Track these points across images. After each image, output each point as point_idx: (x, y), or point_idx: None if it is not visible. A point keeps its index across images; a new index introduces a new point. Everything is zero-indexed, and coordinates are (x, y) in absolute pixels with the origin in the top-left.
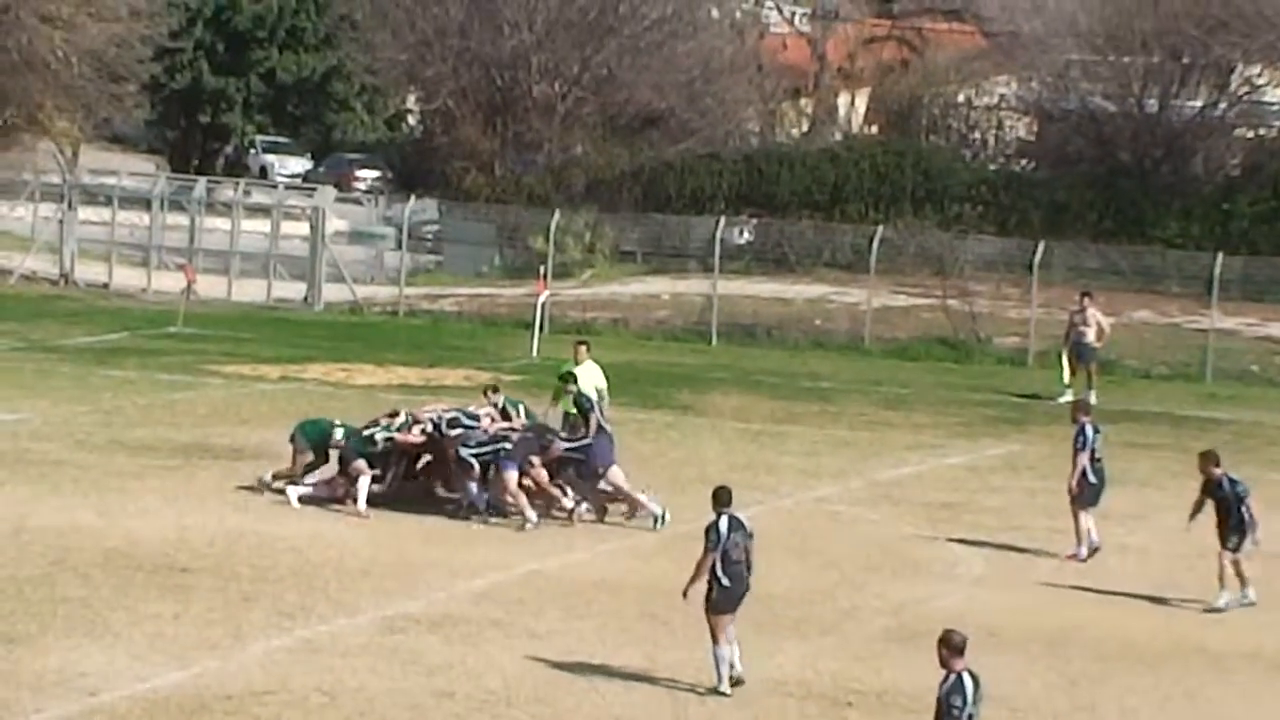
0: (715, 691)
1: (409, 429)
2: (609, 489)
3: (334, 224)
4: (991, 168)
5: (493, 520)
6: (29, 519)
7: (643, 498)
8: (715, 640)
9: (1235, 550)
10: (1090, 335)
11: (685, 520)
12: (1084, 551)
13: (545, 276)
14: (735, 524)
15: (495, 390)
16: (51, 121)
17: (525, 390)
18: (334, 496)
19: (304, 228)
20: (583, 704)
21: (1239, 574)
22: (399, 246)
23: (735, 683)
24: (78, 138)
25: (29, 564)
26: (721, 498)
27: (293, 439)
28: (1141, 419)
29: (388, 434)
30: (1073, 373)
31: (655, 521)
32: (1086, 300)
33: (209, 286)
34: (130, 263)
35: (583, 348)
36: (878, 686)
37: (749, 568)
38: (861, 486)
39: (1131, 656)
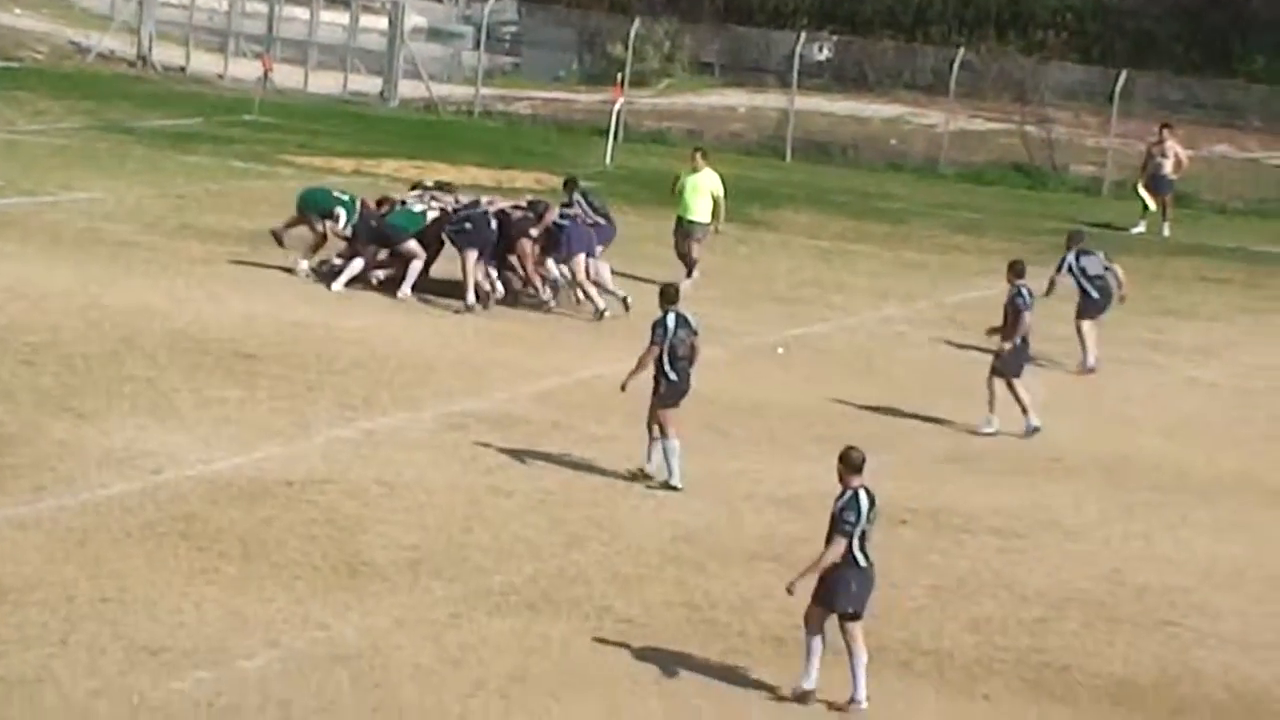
0: (667, 485)
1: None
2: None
3: (413, 20)
4: None
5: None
6: (99, 298)
7: (593, 291)
8: (665, 434)
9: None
10: (1168, 167)
11: (752, 334)
12: (1090, 361)
13: (622, 84)
14: (681, 320)
15: (574, 184)
16: None
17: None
18: (365, 278)
19: (382, 22)
20: (640, 508)
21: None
22: (477, 46)
23: (640, 475)
24: None
25: (98, 342)
26: (669, 294)
27: (300, 211)
28: (1215, 254)
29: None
30: (1152, 203)
31: (596, 314)
32: (1166, 132)
33: (285, 76)
34: (208, 48)
35: (699, 154)
36: (933, 506)
37: (692, 364)
38: (929, 309)
39: (1189, 487)
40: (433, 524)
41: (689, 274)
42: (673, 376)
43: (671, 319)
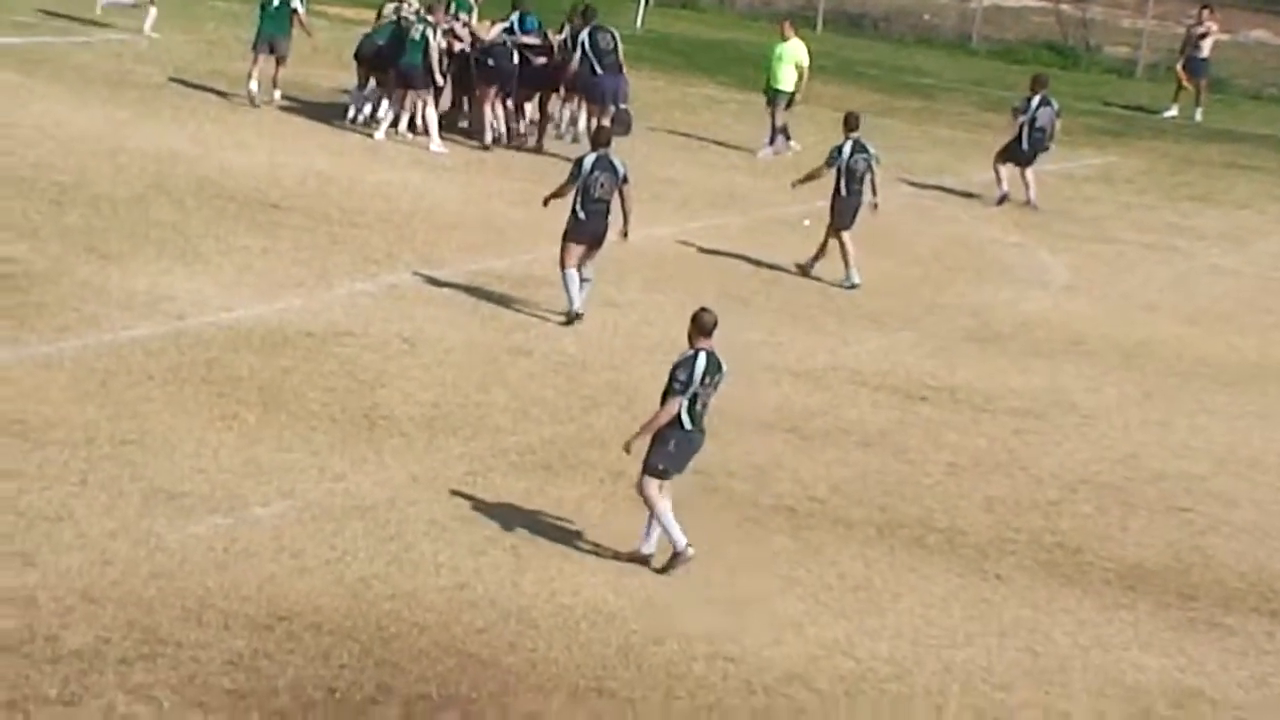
0: (569, 317)
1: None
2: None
3: None
4: None
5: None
6: (127, 140)
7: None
8: (563, 264)
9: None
10: (1206, 49)
11: (776, 205)
12: (1009, 191)
13: None
14: (602, 163)
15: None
16: None
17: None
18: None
19: None
20: (658, 374)
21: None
22: None
23: (575, 318)
24: None
25: (125, 185)
26: (599, 139)
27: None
28: (1246, 140)
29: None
30: (1188, 83)
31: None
32: (1205, 13)
33: None
34: None
35: (788, 24)
36: (951, 383)
37: (609, 210)
38: (955, 185)
39: (1208, 374)
40: (451, 381)
41: (771, 140)
42: (581, 215)
43: (589, 159)
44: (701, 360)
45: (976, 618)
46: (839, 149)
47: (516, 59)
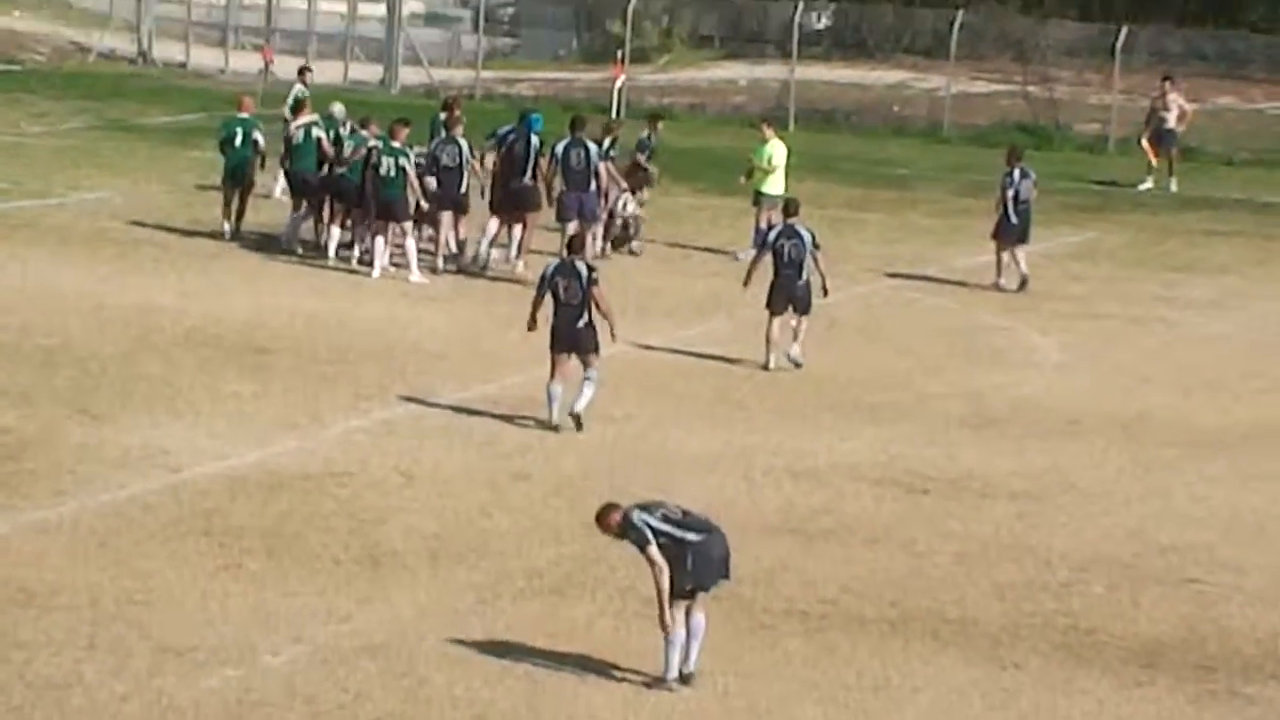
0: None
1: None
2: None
3: (410, 6)
4: None
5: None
6: (110, 297)
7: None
8: (551, 375)
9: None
10: (1171, 120)
11: (760, 306)
12: (1002, 282)
13: (622, 61)
14: (564, 269)
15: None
16: None
17: None
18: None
19: (380, 9)
20: (659, 487)
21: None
22: (475, 29)
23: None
24: None
25: (111, 342)
26: (570, 246)
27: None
28: (1222, 205)
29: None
30: (1154, 158)
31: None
32: (1168, 85)
33: (286, 67)
34: (207, 42)
35: (766, 126)
36: (951, 471)
37: (580, 314)
38: (938, 273)
39: (1206, 442)
40: (452, 511)
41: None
42: (553, 322)
43: (551, 268)
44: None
45: (997, 707)
46: (767, 235)
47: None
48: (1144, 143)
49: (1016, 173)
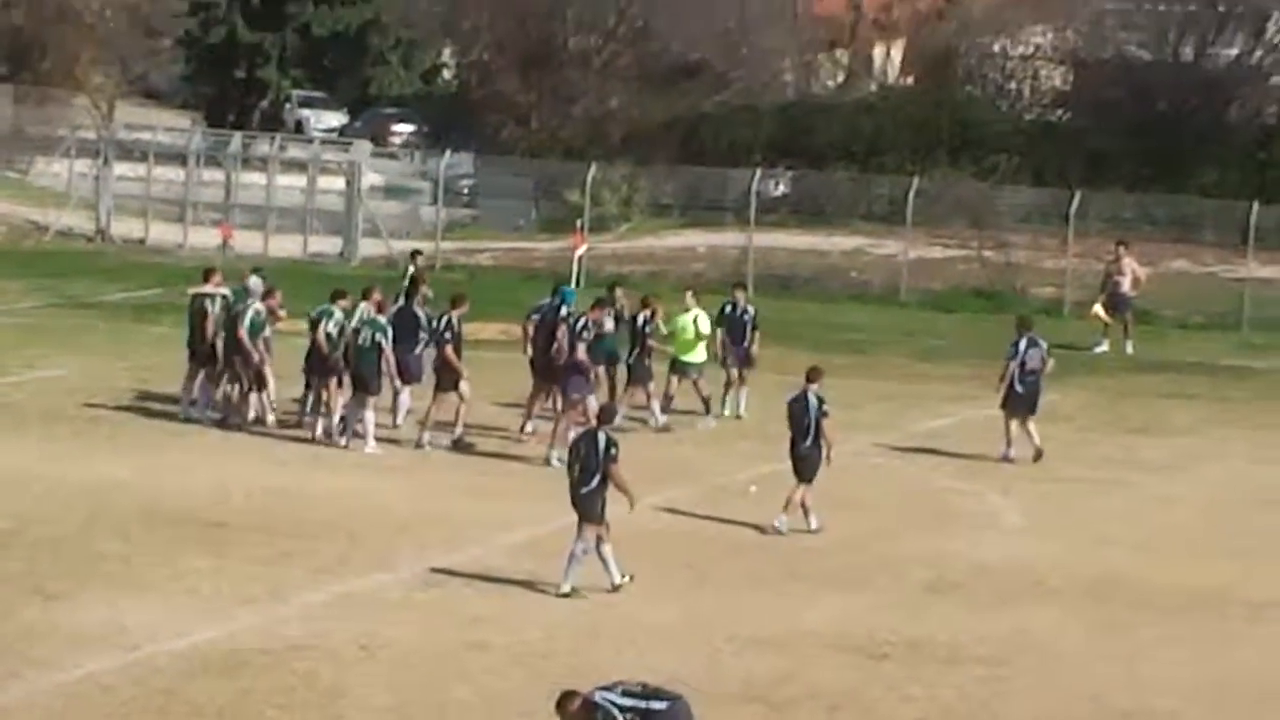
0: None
1: None
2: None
3: (370, 179)
4: (1027, 117)
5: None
6: (67, 475)
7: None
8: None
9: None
10: (1126, 285)
11: (725, 473)
12: (1012, 453)
13: (582, 230)
14: (587, 439)
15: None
16: (87, 76)
17: None
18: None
19: (340, 183)
20: (620, 656)
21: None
22: (435, 201)
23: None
24: (113, 93)
25: (67, 521)
26: (601, 417)
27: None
28: (1178, 369)
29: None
30: (1108, 322)
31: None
32: (1122, 250)
33: (245, 242)
34: (166, 218)
35: (689, 294)
36: (914, 636)
37: (586, 481)
38: (898, 438)
39: (1168, 605)
40: (413, 683)
41: (706, 409)
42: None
43: (579, 435)
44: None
45: None
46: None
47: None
48: (1095, 310)
49: (1023, 343)
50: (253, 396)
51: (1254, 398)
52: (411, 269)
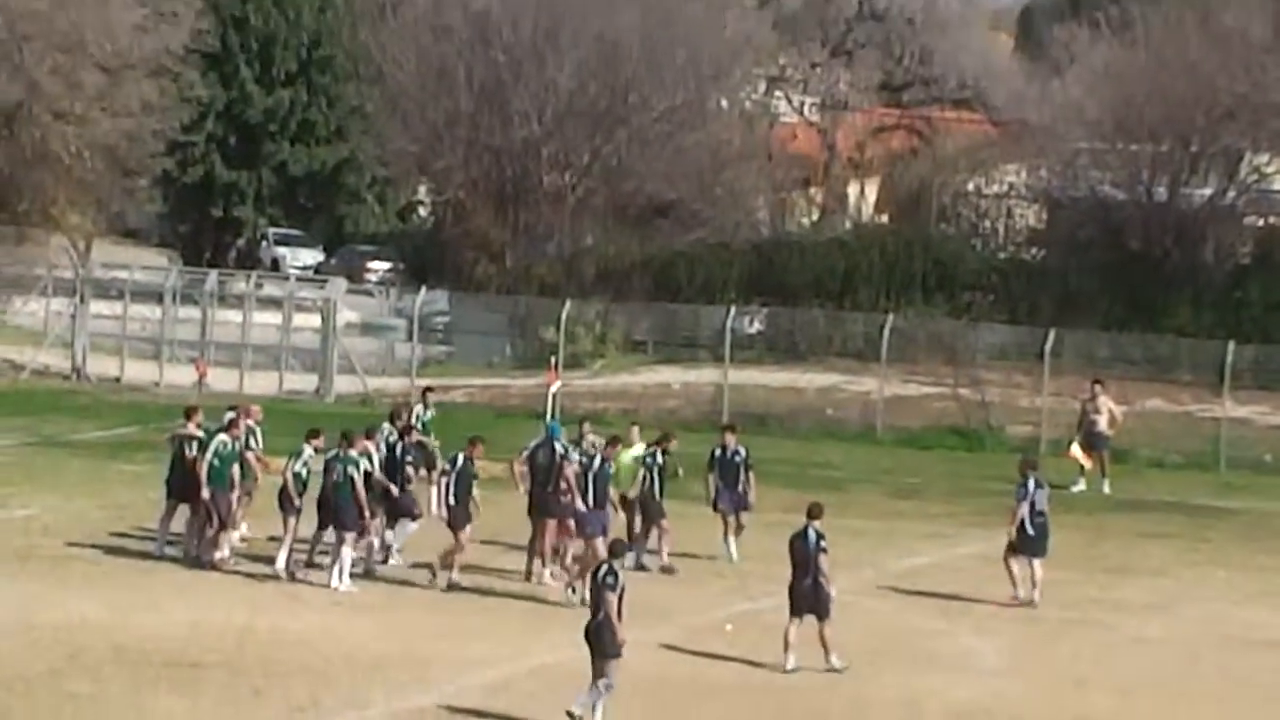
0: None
1: None
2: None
3: (345, 316)
4: (1002, 256)
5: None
6: (38, 615)
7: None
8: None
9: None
10: (1102, 423)
11: (701, 613)
12: (1020, 594)
13: (556, 367)
14: (609, 573)
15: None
16: (64, 216)
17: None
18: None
19: (316, 320)
20: None
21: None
22: (410, 338)
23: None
24: (90, 232)
25: (38, 661)
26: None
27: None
28: (1155, 508)
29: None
30: (1086, 462)
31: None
32: (1098, 388)
33: (221, 379)
34: (142, 356)
35: (633, 429)
36: None
37: (596, 614)
38: (874, 577)
39: None
40: None
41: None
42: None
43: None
44: None
45: None
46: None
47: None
48: (1073, 449)
49: (1031, 483)
50: (222, 535)
51: (1232, 538)
52: (420, 408)
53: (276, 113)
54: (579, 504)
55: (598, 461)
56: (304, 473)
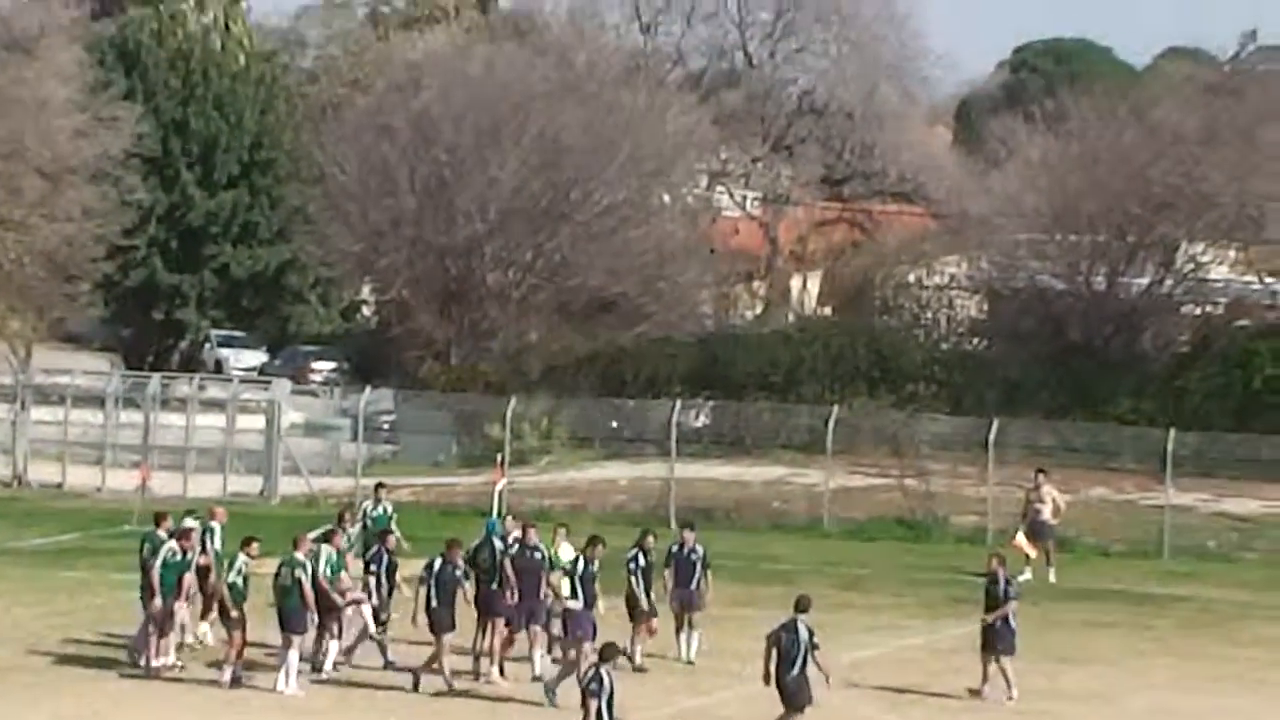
0: None
1: None
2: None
3: (290, 416)
4: (944, 346)
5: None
6: None
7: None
8: None
9: None
10: (1046, 512)
11: (652, 708)
12: (986, 689)
13: (503, 464)
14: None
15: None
16: (4, 322)
17: None
18: None
19: (260, 421)
20: None
21: None
22: (355, 437)
23: None
24: (30, 338)
25: None
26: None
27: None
28: (1100, 597)
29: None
30: (1031, 551)
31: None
32: (1041, 477)
33: (164, 483)
34: (84, 462)
35: (558, 531)
36: None
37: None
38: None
39: None
40: None
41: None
42: None
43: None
44: None
45: None
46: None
47: None
48: (1018, 539)
49: (1013, 585)
50: (163, 641)
51: (1177, 626)
52: (371, 504)
53: (219, 215)
54: (515, 599)
55: (582, 563)
56: (239, 582)
